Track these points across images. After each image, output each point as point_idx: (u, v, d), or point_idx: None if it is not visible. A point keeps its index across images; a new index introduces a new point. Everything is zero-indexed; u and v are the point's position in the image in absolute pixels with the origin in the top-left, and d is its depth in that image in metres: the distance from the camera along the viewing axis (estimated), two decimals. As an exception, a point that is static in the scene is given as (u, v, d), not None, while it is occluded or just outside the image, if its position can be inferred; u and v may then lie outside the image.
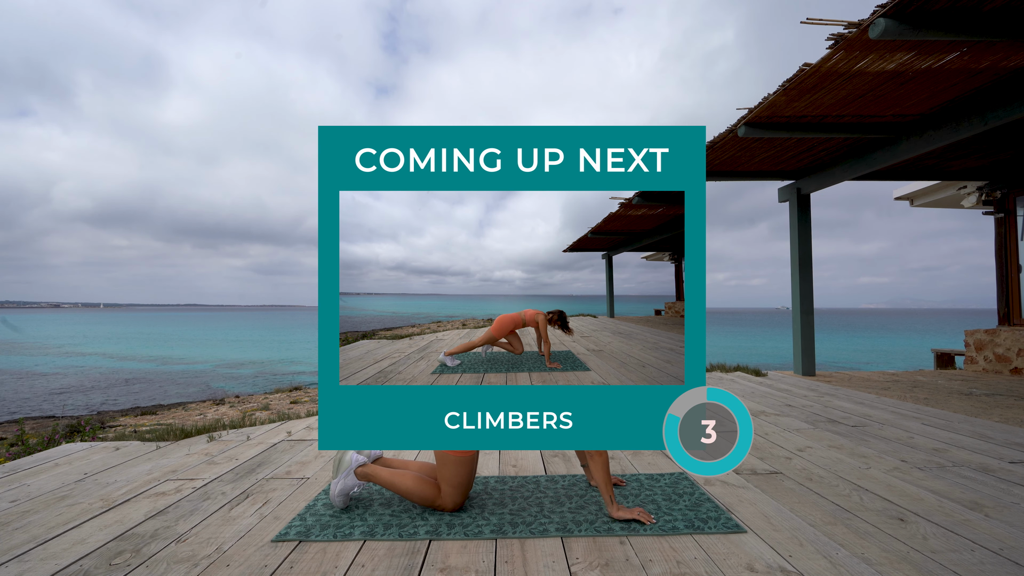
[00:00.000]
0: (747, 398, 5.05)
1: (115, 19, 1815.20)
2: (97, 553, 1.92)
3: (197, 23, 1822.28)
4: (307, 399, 11.74)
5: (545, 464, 2.97)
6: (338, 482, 2.26)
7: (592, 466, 2.18)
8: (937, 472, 2.78)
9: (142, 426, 7.95)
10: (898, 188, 9.05)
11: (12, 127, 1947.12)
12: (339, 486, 2.26)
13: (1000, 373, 7.02)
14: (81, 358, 30.52)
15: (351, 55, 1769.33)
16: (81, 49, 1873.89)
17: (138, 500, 2.47)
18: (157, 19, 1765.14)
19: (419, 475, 2.31)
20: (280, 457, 3.17)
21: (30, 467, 3.03)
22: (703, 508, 2.26)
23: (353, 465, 2.29)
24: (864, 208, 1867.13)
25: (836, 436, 3.55)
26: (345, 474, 2.27)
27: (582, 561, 1.83)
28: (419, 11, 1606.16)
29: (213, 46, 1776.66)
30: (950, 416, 4.19)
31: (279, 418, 4.44)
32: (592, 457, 2.17)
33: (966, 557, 1.85)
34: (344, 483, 2.26)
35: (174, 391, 17.55)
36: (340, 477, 2.27)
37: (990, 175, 7.20)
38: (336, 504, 2.27)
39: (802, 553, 1.87)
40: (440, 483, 2.24)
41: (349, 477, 2.28)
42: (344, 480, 2.26)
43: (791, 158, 6.07)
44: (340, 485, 2.26)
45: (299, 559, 1.86)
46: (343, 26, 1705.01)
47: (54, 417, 11.38)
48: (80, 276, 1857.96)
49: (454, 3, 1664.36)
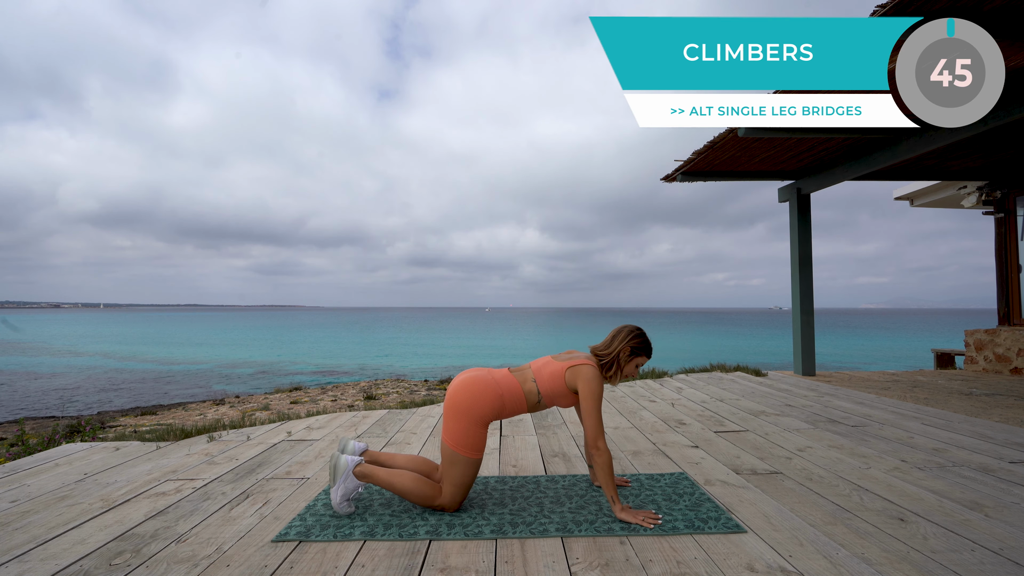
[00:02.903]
0: (747, 398, 5.05)
1: (126, 25, 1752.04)
2: (97, 553, 1.92)
3: (205, 29, 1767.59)
4: (307, 399, 11.74)
5: (545, 464, 2.97)
6: (338, 488, 2.22)
7: (595, 467, 2.17)
8: (937, 472, 2.78)
9: (142, 426, 7.95)
10: (898, 188, 9.06)
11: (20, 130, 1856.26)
12: (340, 491, 2.22)
13: (1000, 373, 7.02)
14: (81, 358, 30.52)
15: (354, 60, 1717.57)
16: (92, 54, 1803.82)
17: (138, 500, 2.47)
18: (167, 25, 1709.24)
19: (418, 475, 2.30)
20: (280, 457, 3.17)
21: (30, 467, 3.03)
22: (703, 508, 2.26)
23: (350, 467, 2.26)
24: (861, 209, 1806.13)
25: (836, 436, 3.55)
26: (344, 477, 2.23)
27: (582, 561, 1.83)
28: (421, 18, 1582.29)
29: (220, 52, 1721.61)
30: (950, 416, 4.19)
31: (279, 418, 4.44)
32: (594, 458, 2.16)
33: (966, 557, 1.84)
34: (345, 486, 2.23)
35: (174, 391, 17.56)
36: (339, 482, 2.23)
37: (990, 175, 7.20)
38: (341, 511, 2.22)
39: (802, 553, 1.87)
40: (443, 482, 2.23)
41: (349, 480, 2.24)
42: (344, 484, 2.23)
43: (791, 158, 6.07)
44: (341, 490, 2.22)
45: (299, 559, 1.86)
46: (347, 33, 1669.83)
47: (54, 417, 11.38)
48: (81, 276, 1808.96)
49: (455, 10, 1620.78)
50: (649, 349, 2.34)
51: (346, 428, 3.96)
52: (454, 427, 2.20)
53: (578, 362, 2.26)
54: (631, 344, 2.30)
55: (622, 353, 2.30)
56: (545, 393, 2.27)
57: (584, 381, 2.21)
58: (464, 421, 2.19)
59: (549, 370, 2.28)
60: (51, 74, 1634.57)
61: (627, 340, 2.30)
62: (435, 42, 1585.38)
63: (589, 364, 2.25)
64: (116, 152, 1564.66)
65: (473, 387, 2.22)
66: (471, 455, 2.19)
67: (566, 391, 2.26)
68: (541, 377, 2.27)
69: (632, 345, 2.30)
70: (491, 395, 2.22)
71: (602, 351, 2.31)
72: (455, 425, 2.20)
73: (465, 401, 2.20)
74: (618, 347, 2.29)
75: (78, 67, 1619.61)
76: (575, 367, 2.24)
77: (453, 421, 2.20)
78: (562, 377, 2.25)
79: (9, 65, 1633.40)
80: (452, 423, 2.21)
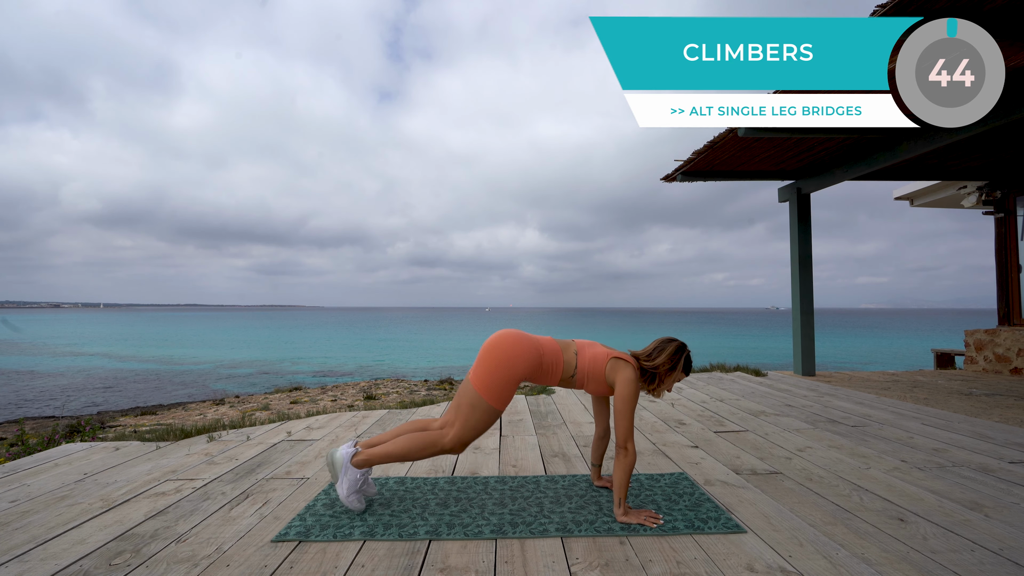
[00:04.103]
0: (747, 398, 5.05)
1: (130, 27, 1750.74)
2: (97, 553, 1.92)
3: (209, 31, 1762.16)
4: (307, 399, 11.74)
5: (545, 464, 2.97)
6: (343, 481, 2.21)
7: (618, 467, 2.14)
8: (937, 472, 2.78)
9: (142, 426, 7.95)
10: (898, 188, 9.06)
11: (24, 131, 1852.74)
12: (345, 484, 2.20)
13: (1000, 373, 7.01)
14: (81, 358, 30.52)
15: (356, 62, 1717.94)
16: (96, 56, 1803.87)
17: (138, 500, 2.47)
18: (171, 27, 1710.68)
19: (412, 432, 2.25)
20: (280, 457, 3.17)
21: (30, 467, 3.03)
22: (703, 508, 2.26)
23: (347, 458, 2.24)
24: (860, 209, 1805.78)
25: (836, 436, 3.55)
26: (344, 470, 2.22)
27: (582, 561, 1.83)
28: (422, 20, 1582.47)
29: (224, 53, 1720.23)
30: (950, 416, 4.19)
31: (279, 418, 4.44)
32: (619, 459, 2.14)
33: (966, 557, 1.84)
34: (349, 478, 2.21)
35: (174, 391, 17.55)
36: (342, 475, 2.22)
37: (990, 175, 7.20)
38: (351, 505, 2.20)
39: (802, 553, 1.87)
40: (455, 423, 2.16)
41: (349, 471, 2.22)
42: (347, 476, 2.21)
43: (791, 158, 6.07)
44: (347, 482, 2.20)
45: (299, 559, 1.86)
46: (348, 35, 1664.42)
47: (54, 417, 11.38)
48: (81, 276, 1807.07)
49: (455, 13, 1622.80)
50: (690, 368, 2.32)
51: (346, 428, 3.96)
52: (486, 372, 2.14)
53: (623, 356, 2.25)
54: (674, 359, 2.26)
55: (662, 367, 2.26)
56: (581, 370, 2.24)
57: (623, 382, 2.18)
58: (500, 369, 2.14)
59: (593, 352, 2.26)
60: (55, 75, 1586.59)
61: (672, 356, 2.26)
62: (436, 44, 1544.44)
63: (632, 365, 2.23)
64: (119, 153, 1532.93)
65: (517, 338, 2.20)
66: (495, 404, 2.14)
67: (602, 378, 2.24)
68: (583, 354, 2.26)
69: (675, 361, 2.26)
70: (532, 351, 2.19)
71: (646, 361, 2.27)
72: (488, 370, 2.14)
73: (507, 349, 2.16)
74: (663, 362, 2.25)
75: (82, 68, 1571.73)
76: (619, 360, 2.22)
77: (486, 366, 2.15)
78: (604, 363, 2.23)
79: (13, 66, 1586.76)
80: (484, 368, 2.15)
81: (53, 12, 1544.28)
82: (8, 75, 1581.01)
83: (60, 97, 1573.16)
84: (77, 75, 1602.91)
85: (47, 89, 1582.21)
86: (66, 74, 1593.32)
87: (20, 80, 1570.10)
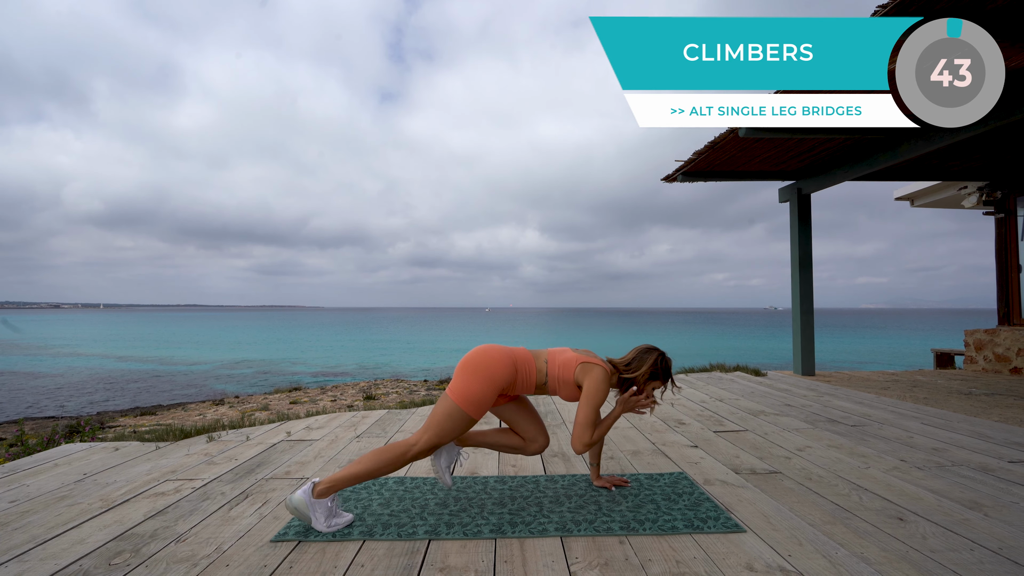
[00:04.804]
0: (747, 398, 5.05)
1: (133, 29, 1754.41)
2: (97, 553, 1.92)
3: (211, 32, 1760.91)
4: (306, 399, 11.73)
5: (545, 464, 2.97)
6: (316, 517, 2.06)
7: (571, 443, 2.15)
8: (936, 472, 2.78)
9: (141, 426, 7.95)
10: (898, 188, 9.06)
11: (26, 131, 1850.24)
12: (321, 516, 2.07)
13: (1000, 373, 7.02)
14: (81, 358, 30.51)
15: (357, 63, 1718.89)
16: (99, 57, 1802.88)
17: (138, 500, 2.47)
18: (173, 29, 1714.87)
19: (375, 450, 2.18)
20: (279, 457, 3.17)
21: (30, 467, 3.03)
22: (702, 508, 2.26)
23: (308, 494, 2.07)
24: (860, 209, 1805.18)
25: (836, 436, 3.55)
26: (311, 507, 2.06)
27: (581, 561, 1.83)
28: (423, 22, 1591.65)
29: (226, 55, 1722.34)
30: (950, 416, 4.19)
31: (278, 418, 4.44)
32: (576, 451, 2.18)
33: (965, 556, 1.84)
34: (320, 510, 2.07)
35: (174, 391, 17.55)
36: (311, 514, 2.06)
37: (991, 175, 7.21)
38: (341, 525, 2.09)
39: (801, 552, 1.87)
40: (427, 430, 2.13)
41: (316, 504, 2.07)
42: (318, 510, 2.07)
43: (792, 158, 6.07)
44: (321, 515, 2.07)
45: (298, 559, 1.86)
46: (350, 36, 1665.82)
47: (54, 417, 11.38)
48: (81, 276, 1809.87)
49: (456, 14, 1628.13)
50: (669, 376, 2.31)
51: (345, 428, 3.96)
52: (463, 385, 2.14)
53: (593, 360, 2.25)
54: (654, 368, 2.27)
55: (641, 377, 2.27)
56: (552, 376, 2.26)
57: (591, 380, 2.20)
58: (477, 379, 2.14)
59: (563, 358, 2.28)
60: (58, 76, 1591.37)
61: (652, 365, 2.27)
62: (437, 46, 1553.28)
63: (603, 367, 2.24)
64: (121, 153, 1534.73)
65: (492, 350, 2.22)
66: (470, 411, 2.13)
67: (571, 382, 2.25)
68: (553, 361, 2.28)
69: (655, 370, 2.28)
70: (506, 361, 2.21)
71: (625, 370, 2.29)
72: (466, 382, 2.14)
73: (484, 360, 2.18)
74: (644, 372, 2.27)
75: (85, 70, 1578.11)
76: (588, 364, 2.24)
77: (464, 378, 2.15)
78: (573, 368, 2.24)
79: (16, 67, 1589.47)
80: (462, 380, 2.15)
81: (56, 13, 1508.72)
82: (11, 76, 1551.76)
83: (63, 98, 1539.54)
84: (80, 76, 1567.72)
85: (50, 90, 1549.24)
86: (69, 75, 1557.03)
87: (23, 81, 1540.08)
